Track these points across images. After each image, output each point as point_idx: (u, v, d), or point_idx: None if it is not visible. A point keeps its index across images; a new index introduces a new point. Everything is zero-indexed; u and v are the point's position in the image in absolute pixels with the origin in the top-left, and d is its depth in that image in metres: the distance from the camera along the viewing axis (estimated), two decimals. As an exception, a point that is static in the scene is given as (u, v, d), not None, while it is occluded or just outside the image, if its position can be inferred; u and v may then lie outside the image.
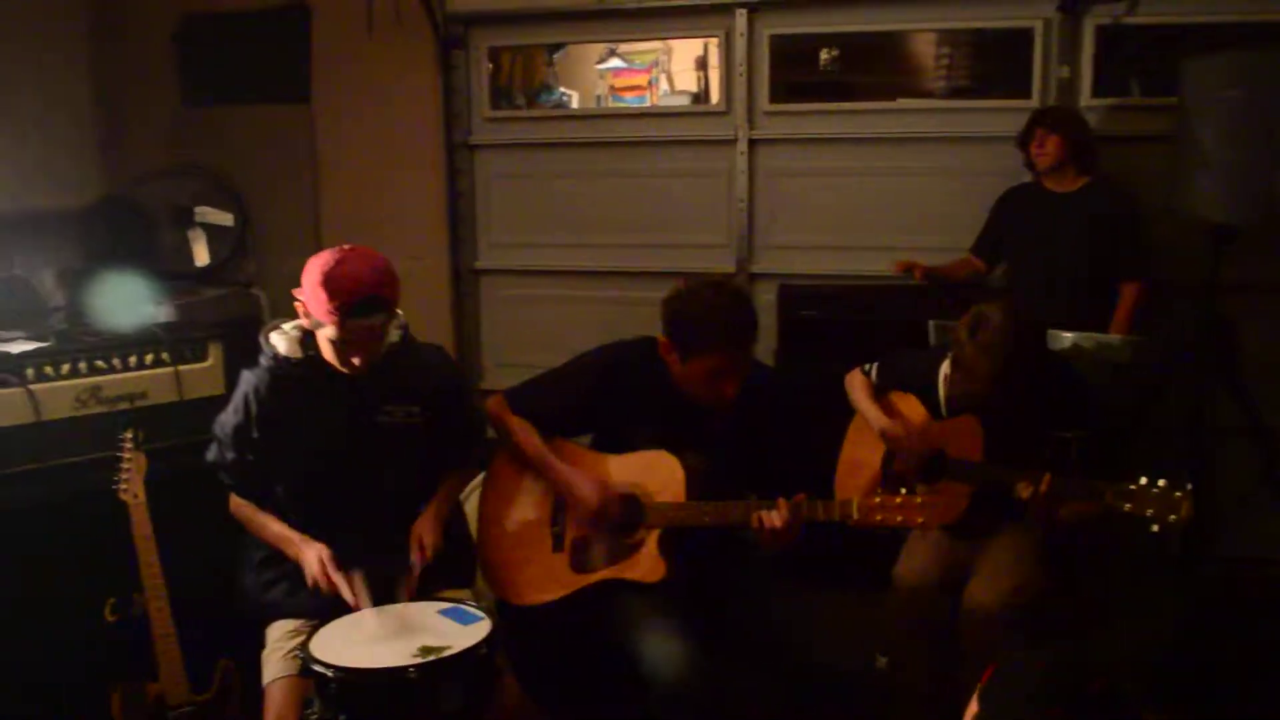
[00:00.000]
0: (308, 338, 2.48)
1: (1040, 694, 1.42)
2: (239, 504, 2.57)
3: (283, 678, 2.36)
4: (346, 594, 2.33)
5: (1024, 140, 3.90)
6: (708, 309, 2.53)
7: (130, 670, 2.66)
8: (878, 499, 2.40)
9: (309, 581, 2.39)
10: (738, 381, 2.54)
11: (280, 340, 2.49)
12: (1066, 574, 2.92)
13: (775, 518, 2.43)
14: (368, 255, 2.35)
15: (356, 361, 2.38)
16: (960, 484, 2.78)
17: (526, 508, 2.75)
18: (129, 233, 4.11)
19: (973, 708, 1.48)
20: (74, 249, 4.04)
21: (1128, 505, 2.50)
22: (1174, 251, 3.84)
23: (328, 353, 2.41)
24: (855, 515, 2.42)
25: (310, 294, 2.32)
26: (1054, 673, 1.44)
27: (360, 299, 2.29)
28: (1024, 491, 2.64)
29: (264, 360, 2.50)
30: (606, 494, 2.61)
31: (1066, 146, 3.80)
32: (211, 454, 2.57)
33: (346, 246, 2.36)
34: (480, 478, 2.89)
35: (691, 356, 2.54)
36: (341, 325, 2.30)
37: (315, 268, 2.31)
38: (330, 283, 2.27)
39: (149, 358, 3.13)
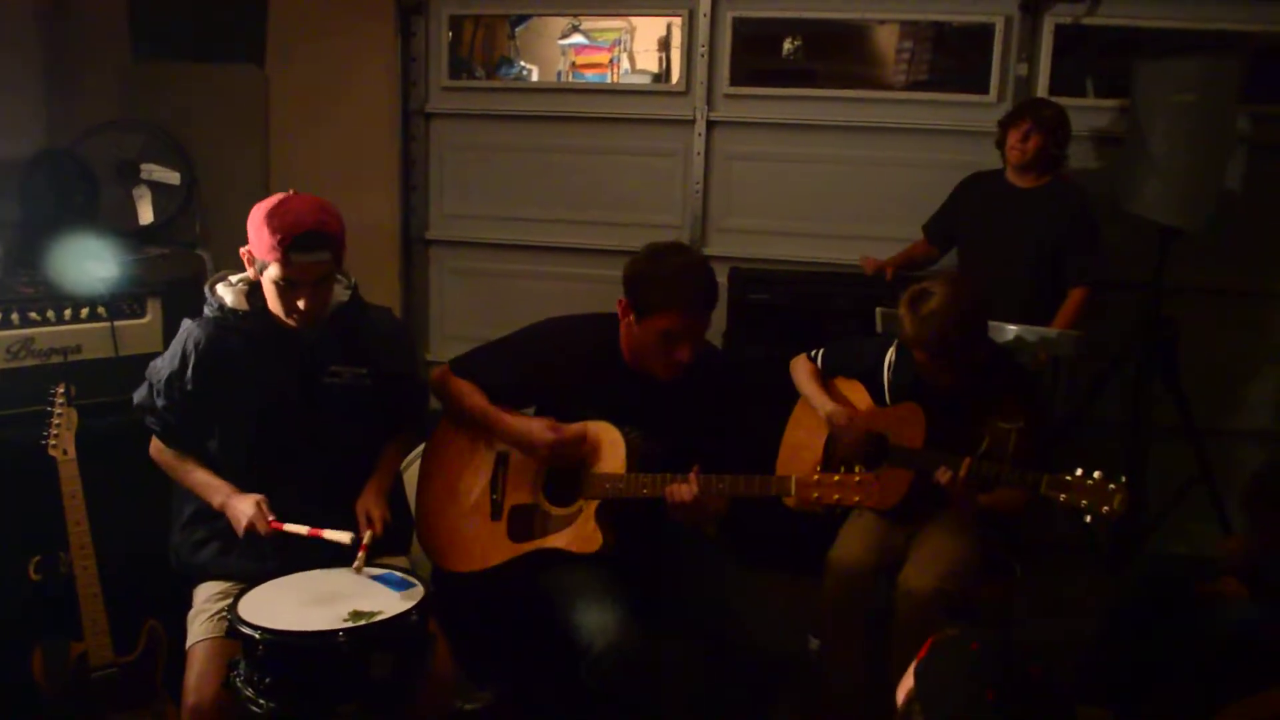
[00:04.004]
0: (254, 291, 2.44)
1: (977, 673, 1.41)
2: (160, 449, 2.53)
3: (207, 639, 2.31)
4: (290, 527, 2.31)
5: (1007, 123, 3.85)
6: (668, 267, 2.55)
7: (54, 629, 2.61)
8: (816, 476, 2.41)
9: (240, 532, 2.35)
10: (690, 347, 2.54)
11: (227, 292, 2.45)
12: (1000, 562, 2.96)
13: (685, 492, 2.46)
14: (310, 196, 2.37)
15: (302, 305, 2.34)
16: (901, 470, 2.81)
17: (466, 475, 2.73)
18: (70, 187, 4.00)
19: (907, 683, 1.47)
20: (12, 201, 3.92)
21: (1063, 496, 2.52)
22: (1121, 250, 3.88)
23: (273, 302, 2.37)
24: (793, 491, 2.43)
25: (254, 235, 2.32)
26: (991, 653, 1.43)
27: (303, 232, 2.29)
28: (943, 476, 2.67)
29: (209, 311, 2.46)
30: (560, 432, 2.58)
31: (1046, 151, 3.78)
32: (140, 395, 2.52)
33: (290, 191, 2.37)
34: (420, 447, 2.87)
35: (648, 316, 2.54)
36: (286, 261, 2.29)
37: (259, 208, 2.33)
38: (273, 219, 2.29)
39: (85, 312, 3.07)
